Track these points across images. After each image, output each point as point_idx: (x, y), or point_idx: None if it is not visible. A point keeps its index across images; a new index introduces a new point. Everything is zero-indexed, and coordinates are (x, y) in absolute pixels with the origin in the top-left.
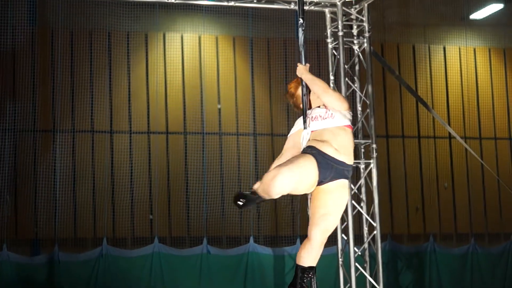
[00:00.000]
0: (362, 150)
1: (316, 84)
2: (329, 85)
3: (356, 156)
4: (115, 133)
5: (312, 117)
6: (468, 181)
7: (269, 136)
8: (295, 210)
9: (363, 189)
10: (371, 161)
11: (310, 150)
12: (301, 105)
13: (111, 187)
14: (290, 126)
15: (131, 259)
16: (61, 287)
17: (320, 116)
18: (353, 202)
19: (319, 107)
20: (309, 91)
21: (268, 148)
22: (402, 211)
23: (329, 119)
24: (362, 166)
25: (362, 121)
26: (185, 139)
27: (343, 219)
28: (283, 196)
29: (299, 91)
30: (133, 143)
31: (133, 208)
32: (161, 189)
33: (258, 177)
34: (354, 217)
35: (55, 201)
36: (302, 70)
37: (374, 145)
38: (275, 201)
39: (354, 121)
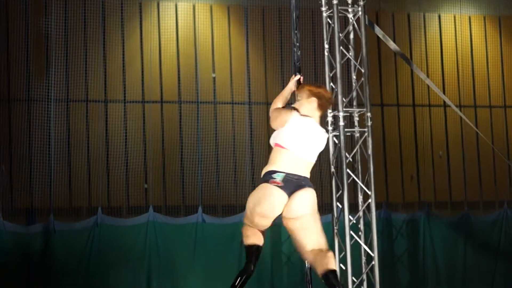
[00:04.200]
0: (357, 118)
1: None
2: (325, 54)
3: (351, 124)
4: (109, 102)
5: None
6: (463, 149)
7: (264, 105)
8: None
9: (357, 158)
10: (366, 129)
11: None
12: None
13: (106, 156)
14: None
15: (126, 228)
16: (57, 256)
17: None
18: (348, 170)
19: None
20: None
21: (263, 117)
22: (397, 179)
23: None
24: (357, 135)
25: (357, 89)
26: (179, 108)
27: (338, 188)
28: None
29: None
30: (128, 112)
31: (127, 177)
32: (155, 158)
33: (253, 145)
34: (349, 185)
35: (50, 170)
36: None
37: (369, 114)
38: None
39: (349, 89)
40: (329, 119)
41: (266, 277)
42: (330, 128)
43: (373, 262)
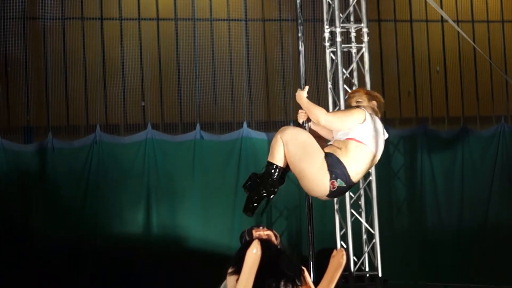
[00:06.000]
0: (354, 34)
1: (310, 113)
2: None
3: (348, 40)
4: (105, 19)
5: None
6: (460, 64)
7: (260, 22)
8: (288, 95)
9: (355, 74)
10: (363, 45)
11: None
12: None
13: (103, 74)
14: (282, 12)
15: (125, 146)
16: (56, 173)
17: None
18: (345, 86)
19: None
20: None
21: (259, 34)
22: (394, 95)
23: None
24: (354, 51)
25: (353, 5)
26: (176, 25)
27: (335, 104)
28: (275, 80)
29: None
30: (124, 29)
31: (125, 95)
32: (152, 76)
33: (250, 62)
34: (346, 101)
35: (46, 88)
36: (299, 97)
37: (365, 29)
38: (267, 85)
39: (346, 5)
40: (326, 35)
41: None
42: (327, 44)
43: (370, 178)
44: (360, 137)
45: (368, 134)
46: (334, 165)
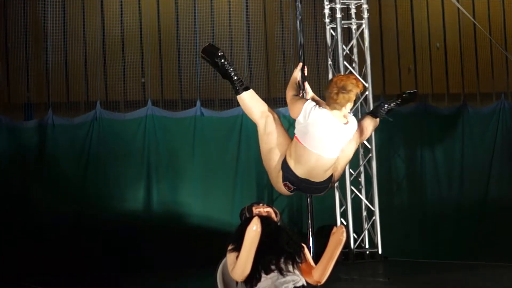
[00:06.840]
0: (354, 10)
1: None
2: None
3: (348, 17)
4: None
5: None
6: (460, 41)
7: None
8: (288, 72)
9: (355, 50)
10: (363, 21)
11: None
12: None
13: (102, 50)
14: None
15: (125, 122)
16: (56, 150)
17: None
18: (345, 63)
19: None
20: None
21: (259, 10)
22: (394, 71)
23: None
24: (354, 27)
25: None
26: (176, 2)
27: None
28: (276, 57)
29: None
30: (124, 6)
31: (125, 72)
32: (153, 52)
33: (250, 38)
34: None
35: (46, 65)
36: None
37: (365, 5)
38: (267, 63)
39: None
40: (326, 11)
41: None
42: (327, 20)
43: (370, 155)
44: (299, 135)
45: (304, 131)
46: (284, 168)
